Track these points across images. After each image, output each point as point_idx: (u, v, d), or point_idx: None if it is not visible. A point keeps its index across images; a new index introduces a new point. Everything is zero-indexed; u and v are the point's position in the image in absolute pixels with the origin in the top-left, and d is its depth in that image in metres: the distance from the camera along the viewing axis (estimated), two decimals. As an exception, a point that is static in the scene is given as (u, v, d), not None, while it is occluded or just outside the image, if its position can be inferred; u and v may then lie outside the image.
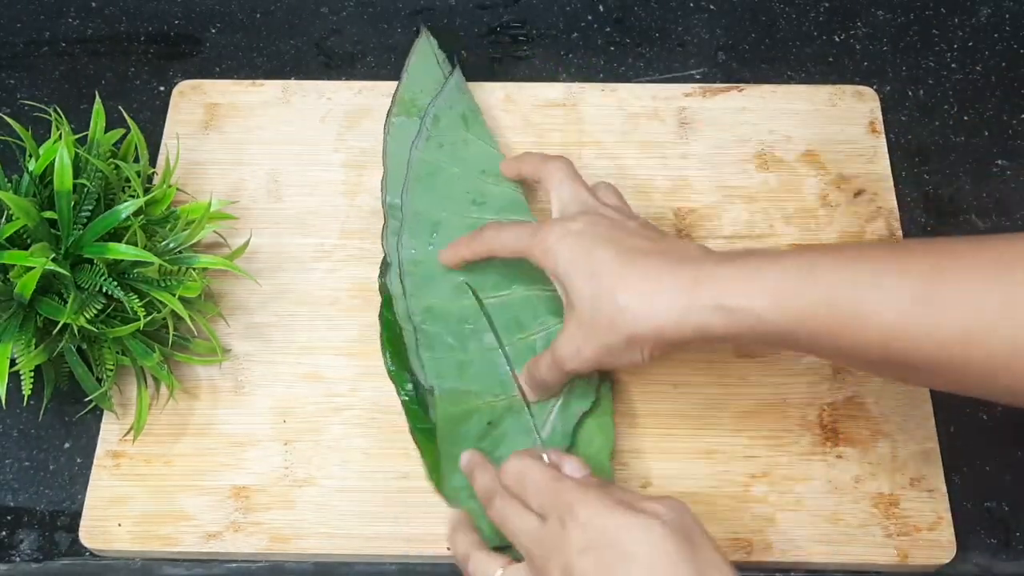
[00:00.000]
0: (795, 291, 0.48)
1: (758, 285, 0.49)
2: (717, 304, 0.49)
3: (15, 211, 0.57)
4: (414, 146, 0.68)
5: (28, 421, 0.65)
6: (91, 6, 0.80)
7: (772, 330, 0.49)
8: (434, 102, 0.69)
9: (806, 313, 0.48)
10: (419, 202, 0.66)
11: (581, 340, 0.55)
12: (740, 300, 0.49)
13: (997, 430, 0.64)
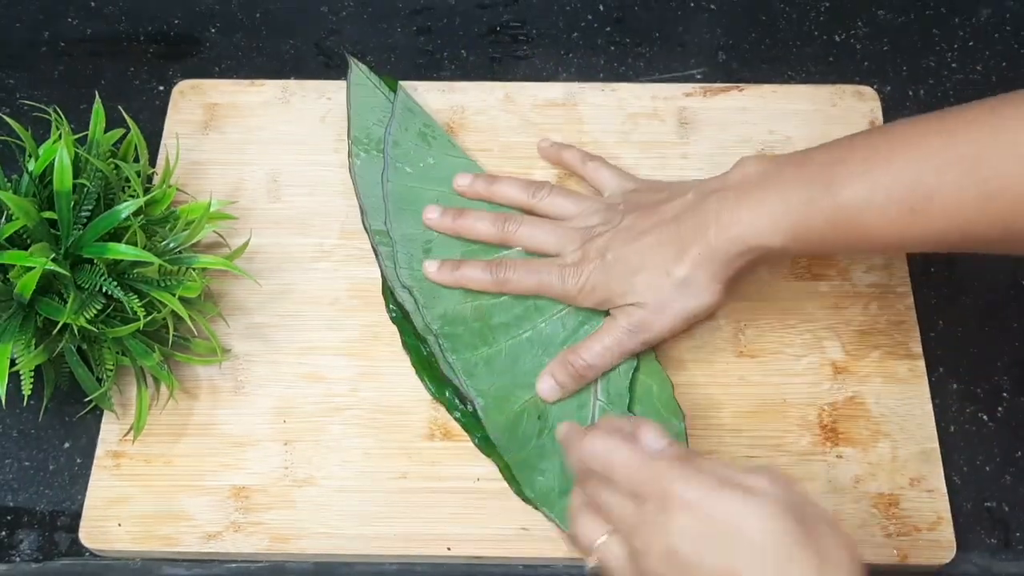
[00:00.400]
0: (803, 225, 0.56)
1: (772, 226, 0.56)
2: (747, 248, 0.57)
3: (15, 211, 0.57)
4: (384, 179, 0.68)
5: (28, 421, 0.65)
6: (91, 6, 0.80)
7: (797, 251, 0.61)
8: (388, 130, 0.70)
9: (817, 237, 0.56)
10: (406, 227, 0.67)
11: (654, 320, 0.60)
12: (761, 241, 0.57)
13: (997, 430, 0.64)
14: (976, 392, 0.65)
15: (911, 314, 0.66)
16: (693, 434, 0.62)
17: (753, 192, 0.57)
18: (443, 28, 0.79)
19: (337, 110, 0.73)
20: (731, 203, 0.58)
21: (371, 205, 0.68)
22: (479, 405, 0.61)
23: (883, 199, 0.54)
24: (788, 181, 0.57)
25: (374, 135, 0.70)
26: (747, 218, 0.57)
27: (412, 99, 0.72)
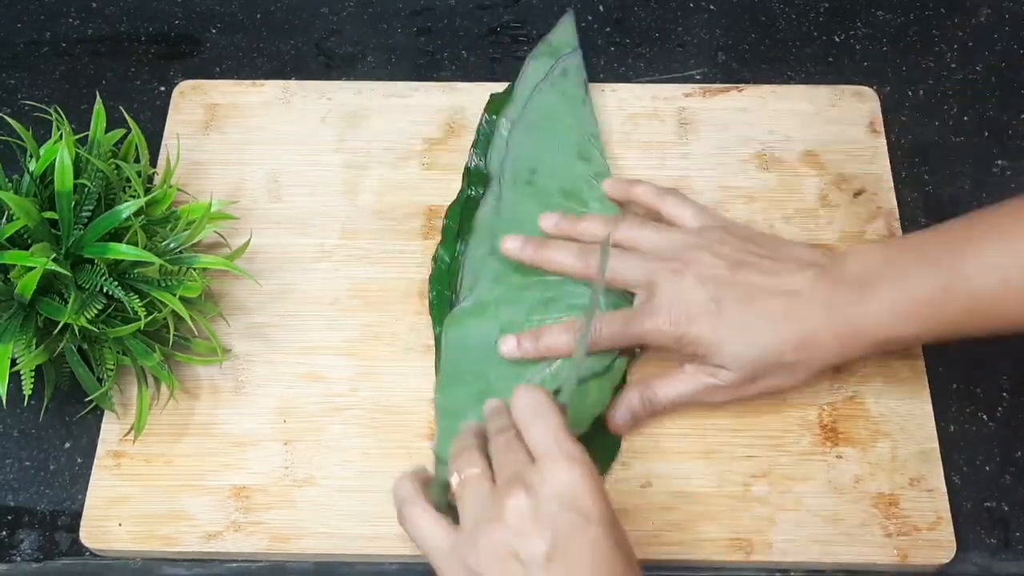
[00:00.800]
0: (938, 313, 0.54)
1: (904, 317, 0.55)
2: (875, 341, 0.56)
3: (16, 211, 0.57)
4: (538, 88, 0.70)
5: (28, 421, 0.65)
6: (92, 6, 0.80)
7: (927, 341, 0.59)
8: (566, 57, 0.71)
9: (951, 324, 0.55)
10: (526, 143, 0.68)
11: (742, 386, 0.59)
12: (892, 333, 0.56)
13: (997, 430, 0.64)
14: (976, 392, 0.65)
15: (911, 314, 0.66)
16: (693, 434, 0.62)
17: (879, 285, 0.55)
18: (443, 28, 0.79)
19: (337, 110, 0.74)
20: (855, 297, 0.56)
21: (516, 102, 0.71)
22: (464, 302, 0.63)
23: (1019, 277, 0.52)
24: (915, 269, 0.55)
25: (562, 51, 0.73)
26: (875, 313, 0.55)
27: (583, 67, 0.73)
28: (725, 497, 0.61)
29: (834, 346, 0.57)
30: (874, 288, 0.56)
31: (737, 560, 0.59)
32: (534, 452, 0.49)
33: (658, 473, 0.61)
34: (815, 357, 0.57)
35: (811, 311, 0.57)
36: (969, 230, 0.55)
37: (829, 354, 0.57)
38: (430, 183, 0.71)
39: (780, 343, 0.57)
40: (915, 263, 0.55)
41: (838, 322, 0.56)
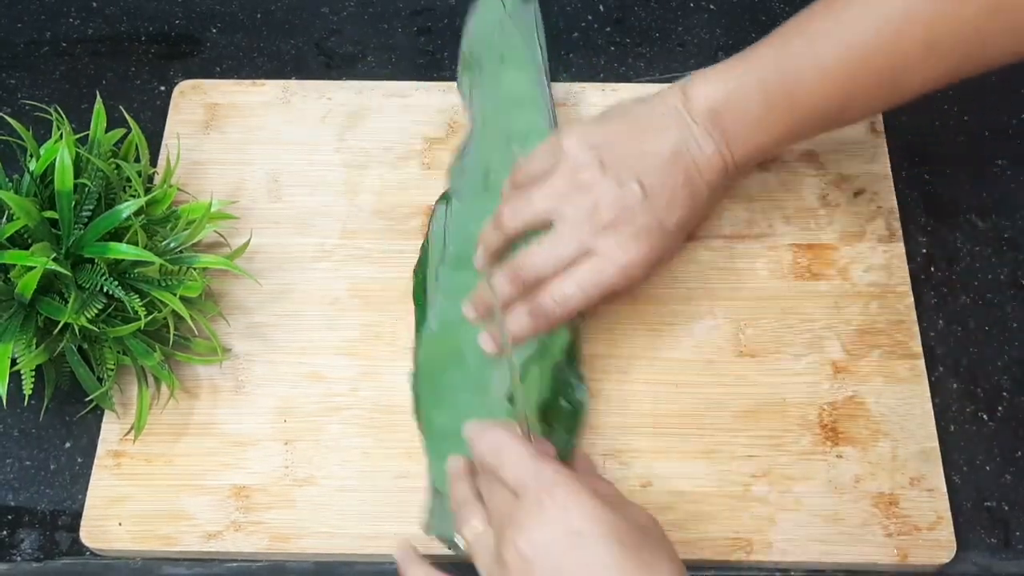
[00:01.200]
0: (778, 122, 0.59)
1: (759, 137, 0.59)
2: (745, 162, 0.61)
3: (16, 211, 0.57)
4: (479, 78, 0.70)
5: (29, 421, 0.65)
6: (92, 6, 0.80)
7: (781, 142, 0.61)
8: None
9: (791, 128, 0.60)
10: (481, 143, 0.68)
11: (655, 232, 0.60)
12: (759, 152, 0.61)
13: (997, 430, 0.64)
14: (976, 391, 0.65)
15: (911, 313, 0.66)
16: (694, 434, 0.62)
17: (725, 117, 0.59)
18: (443, 28, 0.79)
19: (337, 110, 0.74)
20: (714, 138, 0.59)
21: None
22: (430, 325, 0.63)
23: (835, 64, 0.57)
24: (749, 97, 0.59)
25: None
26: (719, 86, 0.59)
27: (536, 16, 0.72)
28: (725, 497, 0.61)
29: (699, 134, 0.59)
30: (720, 119, 0.59)
31: (737, 560, 0.59)
32: (515, 492, 0.50)
33: (658, 473, 0.61)
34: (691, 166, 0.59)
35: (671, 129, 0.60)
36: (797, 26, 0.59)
37: (699, 155, 0.59)
38: (430, 183, 0.71)
39: (659, 211, 0.59)
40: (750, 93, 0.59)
41: (701, 177, 0.60)
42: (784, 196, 0.70)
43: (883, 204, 0.70)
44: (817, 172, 0.71)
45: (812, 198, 0.70)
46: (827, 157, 0.72)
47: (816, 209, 0.70)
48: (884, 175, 0.71)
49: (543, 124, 0.68)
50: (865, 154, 0.72)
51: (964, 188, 0.72)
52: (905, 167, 0.72)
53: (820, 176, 0.71)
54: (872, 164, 0.71)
